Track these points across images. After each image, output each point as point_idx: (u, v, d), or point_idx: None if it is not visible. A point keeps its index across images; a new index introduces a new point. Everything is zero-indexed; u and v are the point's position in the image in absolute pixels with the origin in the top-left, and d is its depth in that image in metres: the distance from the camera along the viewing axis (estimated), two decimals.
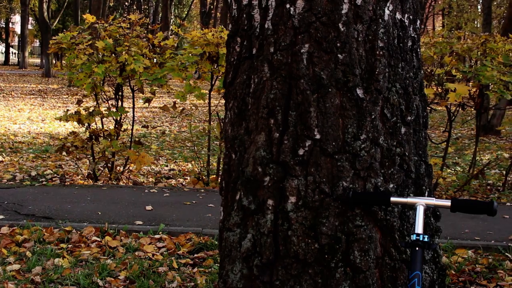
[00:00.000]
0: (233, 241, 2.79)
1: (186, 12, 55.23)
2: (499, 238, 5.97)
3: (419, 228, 2.37)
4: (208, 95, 8.41)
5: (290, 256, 2.62)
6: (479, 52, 7.96)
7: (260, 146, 2.69)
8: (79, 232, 5.42)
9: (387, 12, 2.70)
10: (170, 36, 8.89)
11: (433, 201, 2.47)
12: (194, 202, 7.00)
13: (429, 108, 8.22)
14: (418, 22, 2.97)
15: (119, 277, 4.39)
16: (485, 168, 9.28)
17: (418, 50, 2.92)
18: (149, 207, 6.55)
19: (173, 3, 47.16)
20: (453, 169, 10.09)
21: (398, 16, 2.75)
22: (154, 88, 8.27)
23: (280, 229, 2.64)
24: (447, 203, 2.47)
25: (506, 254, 5.57)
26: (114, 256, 4.89)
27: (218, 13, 47.91)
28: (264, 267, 2.67)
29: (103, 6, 32.04)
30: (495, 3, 30.71)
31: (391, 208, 2.64)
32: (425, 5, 34.90)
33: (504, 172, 8.98)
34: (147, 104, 8.76)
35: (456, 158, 11.53)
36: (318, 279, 2.60)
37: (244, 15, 2.83)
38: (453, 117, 8.62)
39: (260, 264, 2.67)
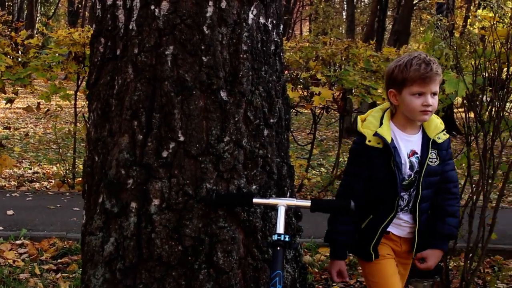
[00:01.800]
0: (95, 245, 2.73)
1: (53, 11, 53.28)
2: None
3: (280, 228, 2.42)
4: (74, 96, 8.20)
5: (153, 259, 2.60)
6: (342, 57, 8.25)
7: (123, 148, 2.64)
8: None
9: (251, 16, 2.73)
10: (35, 35, 8.57)
11: (294, 201, 2.54)
12: (58, 206, 6.79)
13: (295, 111, 8.43)
14: (281, 26, 3.03)
15: None
16: None
17: (281, 54, 2.99)
18: (10, 212, 6.29)
19: (39, 1, 45.41)
20: (317, 170, 10.40)
21: (262, 20, 2.79)
22: (17, 88, 7.94)
23: (144, 232, 2.61)
24: (307, 203, 2.55)
25: None
26: None
27: (86, 13, 46.66)
28: (127, 271, 2.62)
29: None
30: (358, 10, 32.04)
31: (253, 209, 2.67)
32: (293, 10, 35.80)
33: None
34: (9, 104, 8.39)
35: (321, 159, 11.88)
36: (181, 281, 2.59)
37: (109, 15, 2.77)
38: (318, 120, 8.89)
39: (123, 267, 2.63)
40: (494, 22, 3.85)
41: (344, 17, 29.79)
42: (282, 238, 2.38)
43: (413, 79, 2.68)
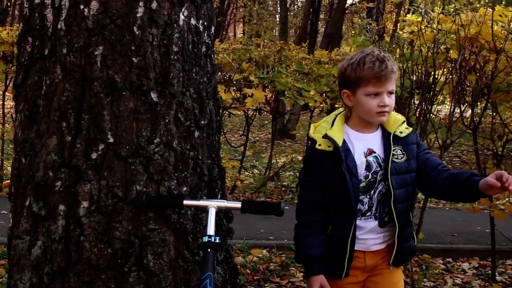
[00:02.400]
0: (22, 249, 2.66)
1: None
2: (291, 237, 6.26)
3: (211, 230, 2.42)
4: (2, 96, 8.00)
5: (82, 262, 2.55)
6: (275, 60, 8.32)
7: (51, 150, 2.59)
8: None
9: (182, 17, 2.73)
10: None
11: (224, 203, 2.54)
12: None
13: (228, 113, 8.44)
14: (213, 28, 3.04)
15: None
16: (280, 170, 9.72)
17: (212, 55, 2.99)
18: None
19: None
20: (250, 172, 10.45)
21: (193, 21, 2.79)
22: None
23: (72, 235, 2.56)
24: (238, 205, 2.56)
25: None
26: None
27: (16, 11, 45.52)
28: (55, 275, 2.57)
29: None
30: (292, 13, 32.30)
31: (184, 211, 2.67)
32: (227, 12, 35.82)
33: (298, 174, 9.45)
34: None
35: (254, 161, 11.94)
36: (111, 284, 2.56)
37: (36, 14, 2.72)
38: (251, 121, 8.93)
39: (51, 271, 2.57)
40: (422, 27, 3.96)
41: (278, 19, 29.97)
42: (213, 240, 2.38)
43: (367, 79, 2.50)
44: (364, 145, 2.64)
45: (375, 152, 2.64)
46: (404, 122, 2.71)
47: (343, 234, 2.62)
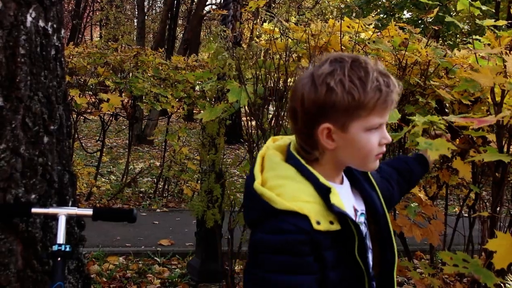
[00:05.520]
0: None
1: None
2: (149, 244, 6.24)
3: (60, 238, 2.34)
4: None
5: None
6: (131, 64, 8.23)
7: None
8: None
9: (29, 19, 2.63)
10: None
11: (75, 210, 2.47)
12: None
13: (83, 118, 8.24)
14: (63, 31, 2.95)
15: None
16: (138, 176, 9.62)
17: (62, 59, 2.90)
18: None
19: None
20: (107, 178, 10.26)
21: (41, 24, 2.70)
22: None
23: None
24: (89, 212, 2.49)
25: (155, 258, 5.83)
26: None
27: None
28: None
29: None
30: (149, 18, 32.07)
31: (33, 219, 2.57)
32: (83, 15, 34.92)
33: (155, 180, 9.41)
34: None
35: (111, 167, 11.72)
36: None
37: None
38: (107, 127, 8.78)
39: None
40: (277, 36, 4.06)
41: (136, 24, 29.61)
42: (63, 248, 2.31)
43: (372, 105, 1.57)
44: (348, 205, 1.73)
45: (358, 210, 1.77)
46: None
47: None
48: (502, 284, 3.52)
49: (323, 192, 1.58)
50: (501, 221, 4.11)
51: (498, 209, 3.22)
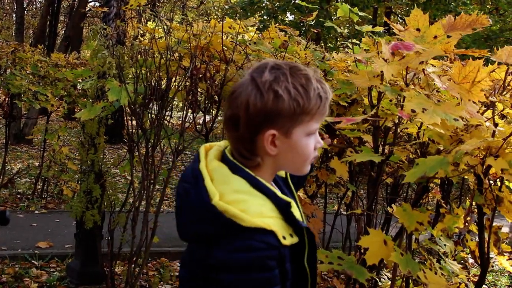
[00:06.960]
0: None
1: None
2: (26, 246, 6.06)
3: None
4: None
5: None
6: (8, 61, 7.94)
7: None
8: None
9: None
10: None
11: None
12: None
13: None
14: None
15: None
16: (15, 177, 9.30)
17: None
18: None
19: None
20: None
21: None
22: None
23: None
24: None
25: (33, 261, 5.68)
26: None
27: None
28: None
29: None
30: (29, 13, 30.96)
31: None
32: None
33: (34, 180, 9.12)
34: None
35: None
36: None
37: None
38: None
39: None
40: (158, 35, 4.05)
41: (14, 19, 28.49)
42: None
43: (312, 111, 1.62)
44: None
45: None
46: None
47: None
48: (377, 279, 3.69)
49: (282, 207, 1.58)
50: (378, 218, 4.30)
51: (373, 206, 3.38)
